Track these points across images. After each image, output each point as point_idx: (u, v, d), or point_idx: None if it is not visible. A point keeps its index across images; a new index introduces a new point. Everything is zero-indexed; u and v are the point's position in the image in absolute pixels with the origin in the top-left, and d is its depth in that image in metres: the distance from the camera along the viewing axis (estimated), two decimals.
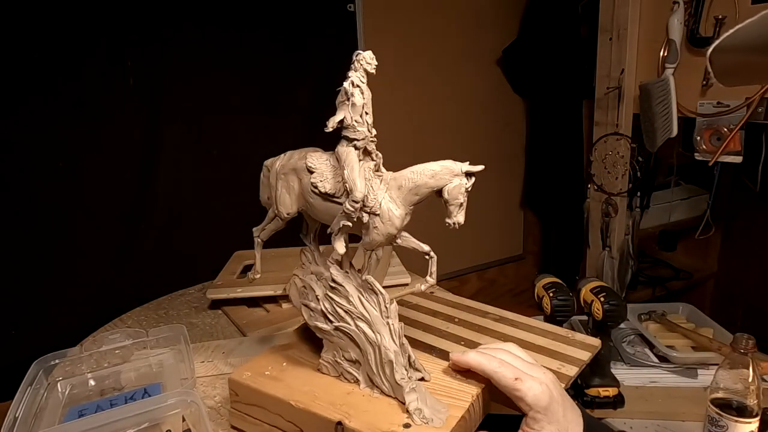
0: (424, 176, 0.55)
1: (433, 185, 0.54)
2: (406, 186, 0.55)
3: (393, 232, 0.56)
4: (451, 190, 0.53)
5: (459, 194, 0.53)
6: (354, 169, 0.54)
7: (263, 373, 0.63)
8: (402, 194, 0.56)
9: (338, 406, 0.56)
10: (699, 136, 1.25)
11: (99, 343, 0.78)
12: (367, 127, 0.56)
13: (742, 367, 0.76)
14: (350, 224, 0.55)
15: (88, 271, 1.17)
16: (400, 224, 0.56)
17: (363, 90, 0.55)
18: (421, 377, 0.59)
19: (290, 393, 0.59)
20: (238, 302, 0.98)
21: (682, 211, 1.79)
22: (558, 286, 0.99)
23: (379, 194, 0.56)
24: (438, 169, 0.54)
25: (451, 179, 0.54)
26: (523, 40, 1.85)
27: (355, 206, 0.53)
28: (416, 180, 0.55)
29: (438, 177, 0.54)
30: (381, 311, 0.58)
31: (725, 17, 1.14)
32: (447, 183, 0.54)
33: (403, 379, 0.55)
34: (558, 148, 1.91)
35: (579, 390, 0.98)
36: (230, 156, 1.31)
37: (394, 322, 0.58)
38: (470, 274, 2.05)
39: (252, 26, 1.29)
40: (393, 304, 0.59)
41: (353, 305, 0.58)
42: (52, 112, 1.09)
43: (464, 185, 0.53)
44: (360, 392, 0.58)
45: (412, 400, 0.53)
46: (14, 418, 0.60)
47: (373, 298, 0.58)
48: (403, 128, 1.69)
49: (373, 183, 0.56)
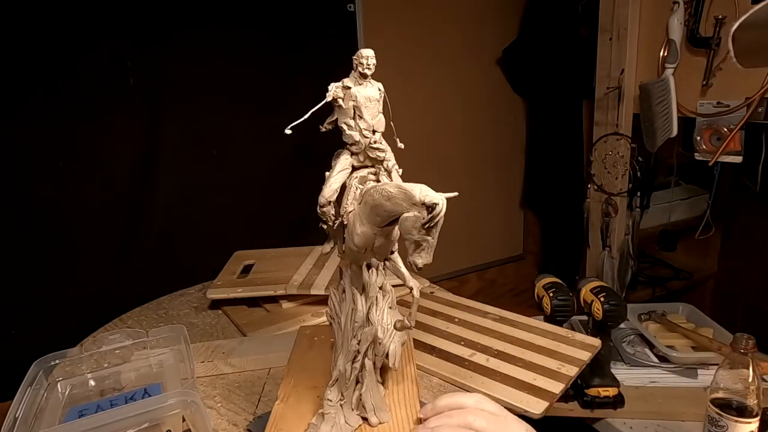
0: (381, 197, 0.43)
1: (390, 209, 0.42)
2: (368, 203, 0.45)
3: (353, 248, 0.48)
4: (404, 222, 0.41)
5: (412, 229, 0.40)
6: (332, 172, 0.51)
7: (314, 337, 0.68)
8: (366, 211, 0.46)
9: (294, 390, 0.59)
10: (699, 136, 1.25)
11: (99, 344, 0.78)
12: (359, 132, 0.50)
13: (742, 367, 0.76)
14: (325, 227, 0.54)
15: (88, 271, 1.17)
16: (360, 242, 0.47)
17: (353, 93, 0.50)
18: (365, 416, 0.54)
19: (295, 360, 0.63)
20: (238, 302, 0.98)
21: (682, 211, 1.79)
22: (558, 286, 0.99)
23: (351, 205, 0.50)
24: (394, 192, 0.42)
25: (409, 208, 0.40)
26: (523, 40, 1.85)
27: (320, 210, 0.51)
28: (375, 199, 0.44)
29: (393, 201, 0.42)
30: (352, 327, 0.53)
31: (725, 17, 1.14)
32: (403, 211, 0.41)
33: (329, 401, 0.52)
34: (558, 148, 1.91)
35: (579, 390, 0.98)
36: (230, 156, 1.31)
37: (358, 345, 0.52)
38: (470, 274, 2.05)
39: (252, 26, 1.29)
40: (368, 328, 0.52)
41: (340, 308, 0.56)
42: (52, 112, 1.09)
43: (420, 219, 0.39)
44: (320, 391, 0.58)
45: (314, 423, 0.53)
46: (14, 419, 0.60)
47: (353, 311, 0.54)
48: (402, 128, 1.68)
49: (351, 192, 0.50)
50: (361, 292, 0.53)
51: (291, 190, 1.38)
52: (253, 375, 0.76)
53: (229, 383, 0.74)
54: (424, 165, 1.77)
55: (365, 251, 0.49)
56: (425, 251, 0.41)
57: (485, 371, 0.72)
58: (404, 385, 0.60)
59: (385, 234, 0.47)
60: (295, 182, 1.37)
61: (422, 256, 0.41)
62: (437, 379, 0.73)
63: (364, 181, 0.52)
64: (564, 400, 1.00)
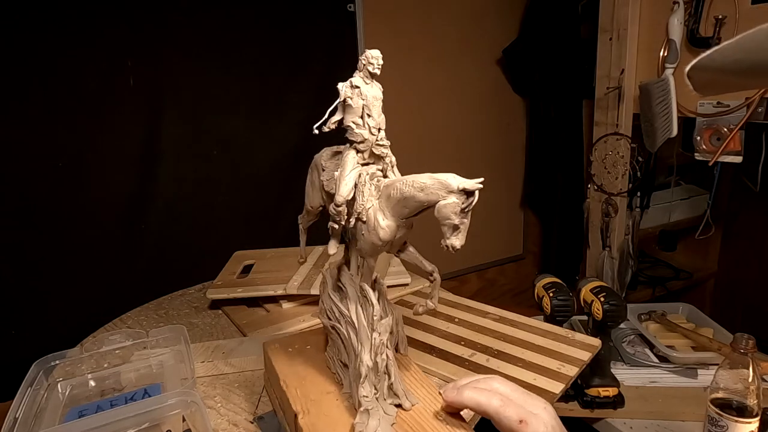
0: (413, 188, 0.48)
1: (422, 200, 0.47)
2: (394, 196, 0.49)
3: (377, 242, 0.51)
4: (442, 209, 0.45)
5: (452, 214, 0.45)
6: (344, 171, 0.52)
7: (288, 348, 0.65)
8: (390, 204, 0.50)
9: (309, 400, 0.56)
10: (699, 136, 1.25)
11: (99, 344, 0.78)
12: (368, 130, 0.52)
13: (742, 367, 0.76)
14: (336, 227, 0.54)
15: (88, 271, 1.17)
16: (385, 236, 0.51)
17: (363, 92, 0.52)
18: (398, 403, 0.54)
19: (287, 372, 0.60)
20: (238, 302, 0.98)
21: (682, 211, 1.79)
22: (558, 286, 0.99)
23: (369, 201, 0.52)
24: (429, 183, 0.46)
25: (445, 196, 0.45)
26: (523, 40, 1.85)
27: (336, 210, 0.52)
28: (404, 192, 0.48)
29: (428, 191, 0.46)
30: (368, 322, 0.54)
31: (725, 17, 1.14)
32: (439, 200, 0.46)
33: (365, 397, 0.52)
34: (558, 148, 1.91)
35: (579, 390, 0.98)
36: (230, 156, 1.31)
37: (380, 337, 0.54)
38: (470, 274, 2.05)
39: (252, 26, 1.29)
40: (386, 319, 0.55)
41: (347, 309, 0.57)
42: (52, 112, 1.09)
43: (459, 205, 0.45)
44: (337, 395, 0.57)
45: (360, 422, 0.51)
46: (14, 419, 0.60)
47: (367, 307, 0.56)
48: (402, 128, 1.69)
49: (366, 188, 0.52)
50: (373, 287, 0.55)
51: (291, 190, 1.38)
52: (253, 375, 0.76)
53: (229, 383, 0.74)
54: (424, 165, 1.74)
55: (386, 244, 0.52)
56: (462, 233, 0.46)
57: (485, 371, 0.72)
58: (405, 368, 0.61)
59: (407, 225, 0.51)
60: (295, 182, 1.36)
61: (459, 238, 0.46)
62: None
63: (374, 177, 0.54)
64: (564, 400, 1.00)
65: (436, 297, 0.55)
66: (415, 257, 0.55)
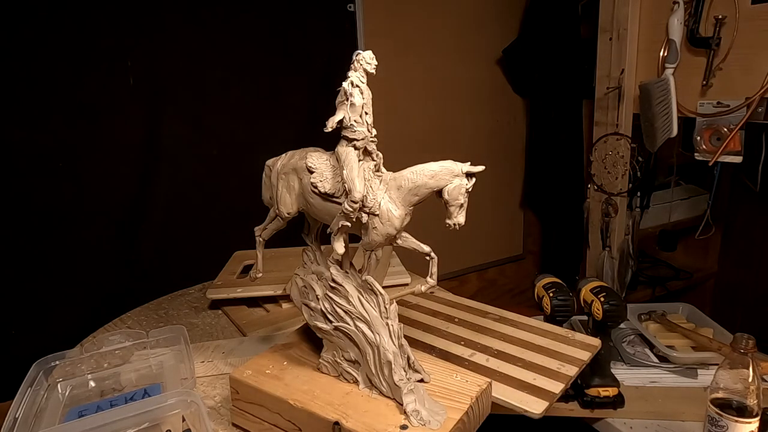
0: (424, 176, 0.55)
1: (432, 186, 0.55)
2: (405, 186, 0.55)
3: (392, 232, 0.56)
4: (451, 191, 0.54)
5: (459, 195, 0.54)
6: (353, 169, 0.54)
7: (264, 371, 0.63)
8: (401, 194, 0.56)
9: (336, 406, 0.56)
10: (699, 136, 1.25)
11: (99, 344, 0.78)
12: (366, 127, 0.55)
13: (742, 367, 0.76)
14: (349, 224, 0.55)
15: (88, 271, 1.17)
16: (399, 225, 0.56)
17: (363, 90, 0.54)
18: (420, 378, 0.58)
19: (289, 392, 0.59)
20: (238, 302, 0.98)
21: (682, 211, 1.79)
22: (558, 286, 0.99)
23: (378, 194, 0.56)
24: (437, 170, 0.54)
25: (452, 180, 0.54)
26: (523, 40, 1.85)
27: (354, 206, 0.53)
28: (416, 180, 0.55)
29: (438, 177, 0.54)
30: (380, 312, 0.58)
31: (725, 17, 1.14)
32: (447, 184, 0.54)
33: (401, 380, 0.55)
34: (558, 148, 1.91)
35: (579, 390, 0.98)
36: (230, 156, 1.31)
37: (393, 323, 0.57)
38: (470, 274, 2.05)
39: (252, 26, 1.29)
40: (393, 305, 0.59)
41: (353, 305, 0.58)
42: (52, 112, 1.09)
43: (464, 186, 0.54)
44: (359, 392, 0.58)
45: (410, 402, 0.53)
46: (14, 419, 0.60)
47: (373, 298, 0.58)
48: (403, 128, 1.69)
49: (373, 183, 0.56)
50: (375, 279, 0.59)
51: None
52: None
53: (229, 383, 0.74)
54: None
55: (396, 234, 0.57)
56: (464, 210, 0.54)
57: (485, 371, 0.72)
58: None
59: (411, 213, 0.57)
60: None
61: (462, 215, 0.55)
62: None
63: (374, 172, 0.57)
64: (564, 400, 0.99)
65: (435, 274, 0.59)
66: (412, 242, 0.59)
